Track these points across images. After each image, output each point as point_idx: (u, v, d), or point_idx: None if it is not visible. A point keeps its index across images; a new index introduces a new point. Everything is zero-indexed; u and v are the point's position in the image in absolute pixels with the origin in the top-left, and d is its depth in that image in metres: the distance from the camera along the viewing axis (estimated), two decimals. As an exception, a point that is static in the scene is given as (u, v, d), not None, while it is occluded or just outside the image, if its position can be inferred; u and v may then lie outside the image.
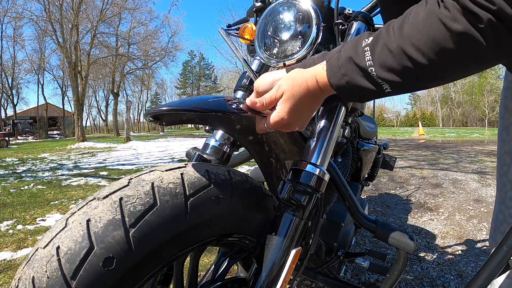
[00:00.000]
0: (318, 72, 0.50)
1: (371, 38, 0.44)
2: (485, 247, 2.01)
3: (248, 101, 0.52)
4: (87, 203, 0.44)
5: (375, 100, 2.01)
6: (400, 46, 0.41)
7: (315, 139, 0.59)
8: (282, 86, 0.50)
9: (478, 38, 0.36)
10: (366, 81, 0.45)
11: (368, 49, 0.44)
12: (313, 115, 0.54)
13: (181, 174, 0.49)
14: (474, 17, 0.35)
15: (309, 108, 0.52)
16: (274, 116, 0.50)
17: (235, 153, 0.91)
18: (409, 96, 62.00)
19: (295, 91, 0.50)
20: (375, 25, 0.77)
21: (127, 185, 0.46)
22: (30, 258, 0.41)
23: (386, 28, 0.43)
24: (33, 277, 0.38)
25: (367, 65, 0.43)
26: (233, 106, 0.54)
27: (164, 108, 0.50)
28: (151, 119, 0.54)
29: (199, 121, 0.58)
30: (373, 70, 0.43)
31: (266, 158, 0.67)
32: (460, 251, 1.95)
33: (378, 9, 0.76)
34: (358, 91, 0.46)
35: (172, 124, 0.56)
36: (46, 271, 0.38)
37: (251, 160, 0.89)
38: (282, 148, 0.66)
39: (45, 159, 7.66)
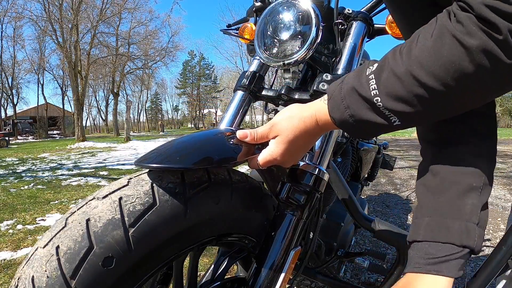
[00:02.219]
0: (318, 108, 0.46)
1: (376, 65, 0.40)
2: (484, 247, 2.01)
3: (239, 133, 0.51)
4: (86, 203, 0.44)
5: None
6: (409, 71, 0.36)
7: (314, 139, 0.59)
8: (277, 126, 0.48)
9: (498, 53, 0.31)
10: (372, 113, 0.39)
11: (373, 77, 0.39)
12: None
13: (181, 173, 0.49)
14: (492, 28, 0.30)
15: (304, 147, 0.49)
16: (267, 156, 0.49)
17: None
18: (409, 96, 62.01)
19: (291, 133, 0.47)
20: (375, 25, 0.77)
21: (127, 185, 0.46)
22: (29, 257, 0.41)
23: (392, 53, 0.39)
24: (33, 276, 0.38)
25: (372, 95, 0.38)
26: (228, 145, 0.51)
27: (149, 164, 0.46)
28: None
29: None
30: (379, 101, 0.38)
31: None
32: (459, 251, 1.95)
33: (378, 9, 0.76)
34: (363, 125, 0.41)
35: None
36: (45, 271, 0.38)
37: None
38: None
39: (45, 159, 7.66)
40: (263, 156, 0.49)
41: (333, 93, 0.43)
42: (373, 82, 0.39)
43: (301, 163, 0.56)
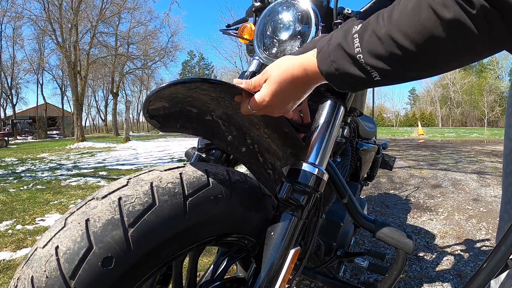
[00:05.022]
0: (307, 60, 0.50)
1: (360, 26, 0.44)
2: (484, 247, 2.01)
3: (236, 80, 0.55)
4: (86, 203, 0.44)
5: (374, 99, 2.01)
6: (388, 33, 0.40)
7: (314, 138, 0.59)
8: (268, 72, 0.52)
9: (470, 26, 0.34)
10: (355, 68, 0.44)
11: (357, 36, 0.43)
12: (300, 102, 0.55)
13: (180, 174, 0.49)
14: (466, 3, 0.33)
15: (292, 94, 0.52)
16: (257, 96, 0.52)
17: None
18: (408, 96, 62.11)
19: (279, 77, 0.51)
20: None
21: (126, 185, 0.46)
22: (29, 258, 0.41)
23: (375, 16, 0.43)
24: (32, 276, 0.38)
25: (356, 52, 0.43)
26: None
27: (152, 94, 0.48)
28: (148, 118, 0.53)
29: (192, 131, 0.59)
30: (362, 57, 0.42)
31: (263, 170, 0.67)
32: (459, 251, 1.95)
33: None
34: (347, 78, 0.46)
35: (167, 129, 0.56)
36: (45, 271, 0.38)
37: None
38: (276, 155, 0.66)
39: (44, 159, 7.65)
40: (254, 97, 0.53)
41: (322, 48, 0.47)
42: (356, 40, 0.43)
43: (301, 163, 0.56)
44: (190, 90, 0.51)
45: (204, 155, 0.78)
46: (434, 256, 1.88)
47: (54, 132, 31.51)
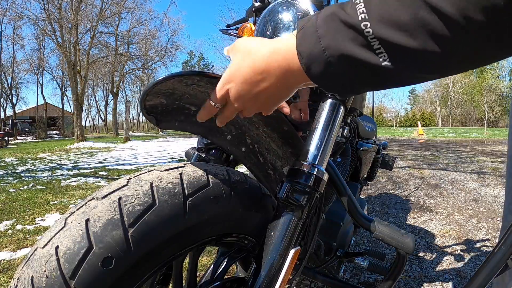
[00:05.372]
0: (282, 43, 0.35)
1: None
2: (484, 247, 2.01)
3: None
4: (86, 203, 0.44)
5: (374, 99, 2.00)
6: None
7: (313, 138, 0.59)
8: (227, 81, 0.40)
9: None
10: (356, 45, 0.29)
11: (361, 1, 0.29)
12: (285, 101, 0.43)
13: (180, 174, 0.49)
14: None
15: (267, 97, 0.39)
16: (221, 117, 0.45)
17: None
18: (408, 96, 62.12)
19: (240, 88, 0.38)
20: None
21: (126, 185, 0.46)
22: (29, 258, 0.41)
23: None
24: (32, 276, 0.38)
25: (360, 19, 0.28)
26: None
27: (149, 88, 0.47)
28: (146, 114, 0.53)
29: (191, 129, 0.59)
30: (368, 26, 0.28)
31: (264, 170, 0.67)
32: (459, 251, 1.95)
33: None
34: (340, 64, 0.30)
35: (165, 126, 0.56)
36: (45, 271, 0.38)
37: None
38: (277, 154, 0.66)
39: (44, 159, 7.65)
40: (220, 118, 0.44)
41: (306, 23, 0.32)
42: (361, 6, 0.28)
43: (301, 163, 0.56)
44: (188, 87, 0.51)
45: (204, 155, 0.78)
46: (434, 256, 1.88)
47: (54, 132, 31.52)
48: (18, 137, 24.85)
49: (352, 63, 0.30)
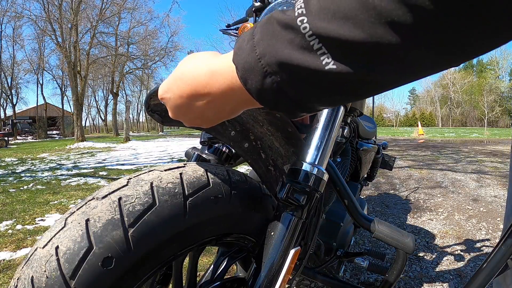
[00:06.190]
0: (220, 60, 0.31)
1: None
2: (484, 247, 2.01)
3: None
4: (86, 203, 0.44)
5: (374, 99, 2.00)
6: None
7: (314, 138, 0.59)
8: (165, 91, 0.38)
9: None
10: (293, 48, 0.24)
11: (302, 0, 0.24)
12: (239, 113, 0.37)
13: (180, 174, 0.49)
14: None
15: (210, 113, 0.35)
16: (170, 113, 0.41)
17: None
18: (408, 96, 62.11)
19: (177, 110, 0.37)
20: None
21: (126, 185, 0.46)
22: (29, 258, 0.41)
23: None
24: (32, 276, 0.38)
25: (296, 14, 0.24)
26: None
27: (154, 90, 0.48)
28: (151, 113, 0.54)
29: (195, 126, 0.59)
30: (305, 21, 0.23)
31: (264, 166, 0.67)
32: (459, 251, 1.95)
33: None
34: (279, 73, 0.25)
35: (170, 124, 0.56)
36: (45, 271, 0.38)
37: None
38: (279, 152, 0.66)
39: (44, 159, 7.65)
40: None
41: (244, 34, 0.29)
42: (300, 1, 0.24)
43: (301, 163, 0.56)
44: None
45: (204, 155, 0.78)
46: (434, 256, 1.88)
47: (54, 132, 31.54)
48: (18, 137, 24.87)
49: (292, 71, 0.24)
